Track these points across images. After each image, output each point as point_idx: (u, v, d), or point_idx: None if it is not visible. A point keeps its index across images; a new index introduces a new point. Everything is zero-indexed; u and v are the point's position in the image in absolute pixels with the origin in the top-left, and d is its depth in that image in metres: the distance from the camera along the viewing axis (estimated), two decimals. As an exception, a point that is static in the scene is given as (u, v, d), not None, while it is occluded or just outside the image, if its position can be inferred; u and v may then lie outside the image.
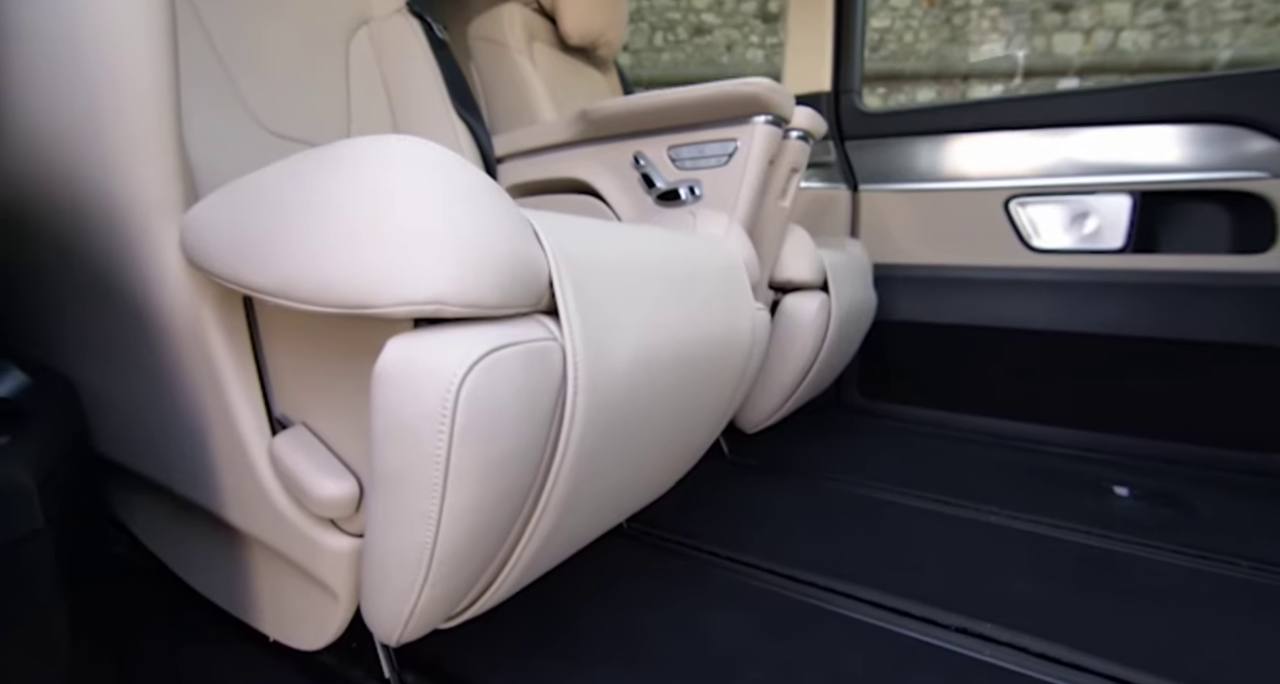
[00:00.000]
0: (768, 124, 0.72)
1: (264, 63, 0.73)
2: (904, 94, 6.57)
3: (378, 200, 0.31)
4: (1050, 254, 1.29)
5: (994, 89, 6.46)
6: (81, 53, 0.36)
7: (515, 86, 1.16)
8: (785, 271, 0.90)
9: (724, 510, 0.85)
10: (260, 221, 0.33)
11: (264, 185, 0.35)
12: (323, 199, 0.32)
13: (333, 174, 0.32)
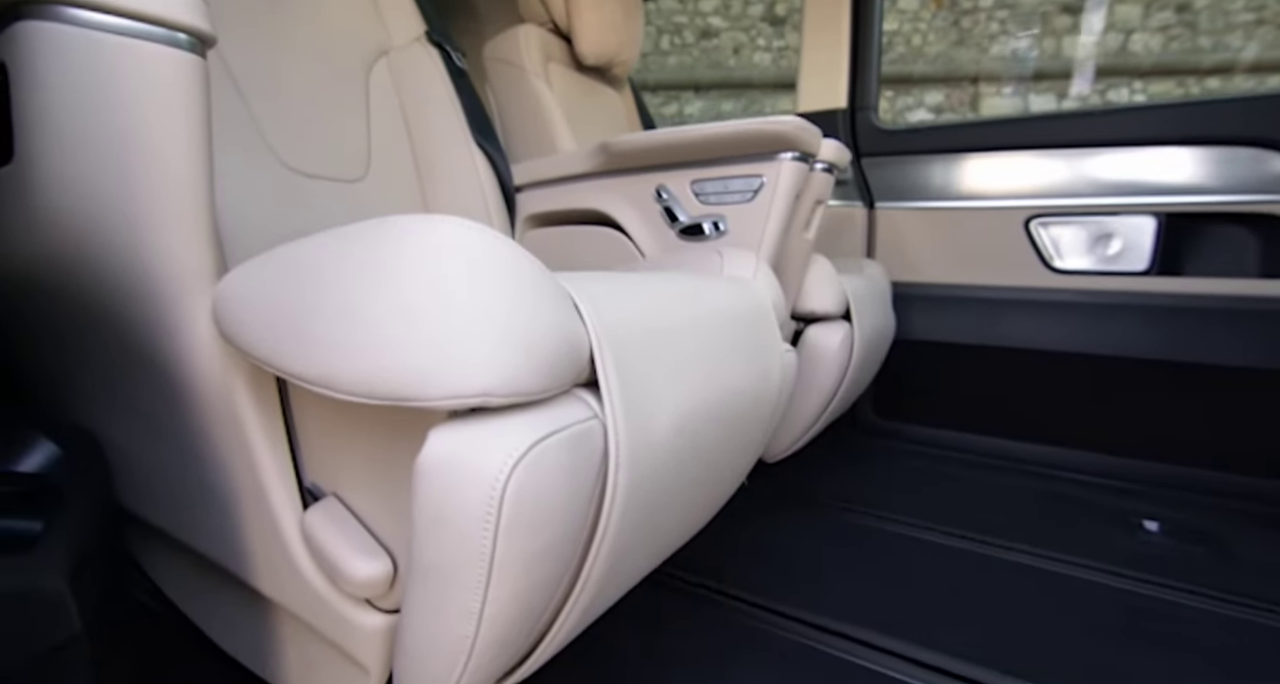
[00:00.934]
0: (794, 161, 0.71)
1: (285, 98, 0.73)
2: (911, 97, 6.55)
3: (424, 290, 0.30)
4: (1072, 275, 1.27)
5: (1004, 91, 6.42)
6: (116, 127, 0.35)
7: (531, 109, 1.15)
8: (808, 303, 0.88)
9: (749, 550, 0.84)
10: (299, 306, 0.32)
11: (300, 263, 0.34)
12: (366, 288, 0.31)
13: (376, 259, 0.31)
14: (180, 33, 0.36)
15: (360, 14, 0.84)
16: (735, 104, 6.71)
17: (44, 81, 0.34)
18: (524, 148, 1.16)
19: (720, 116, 6.97)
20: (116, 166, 0.35)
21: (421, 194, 0.87)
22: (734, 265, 0.66)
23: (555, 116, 1.13)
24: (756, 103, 6.69)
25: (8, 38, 0.33)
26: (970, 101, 6.40)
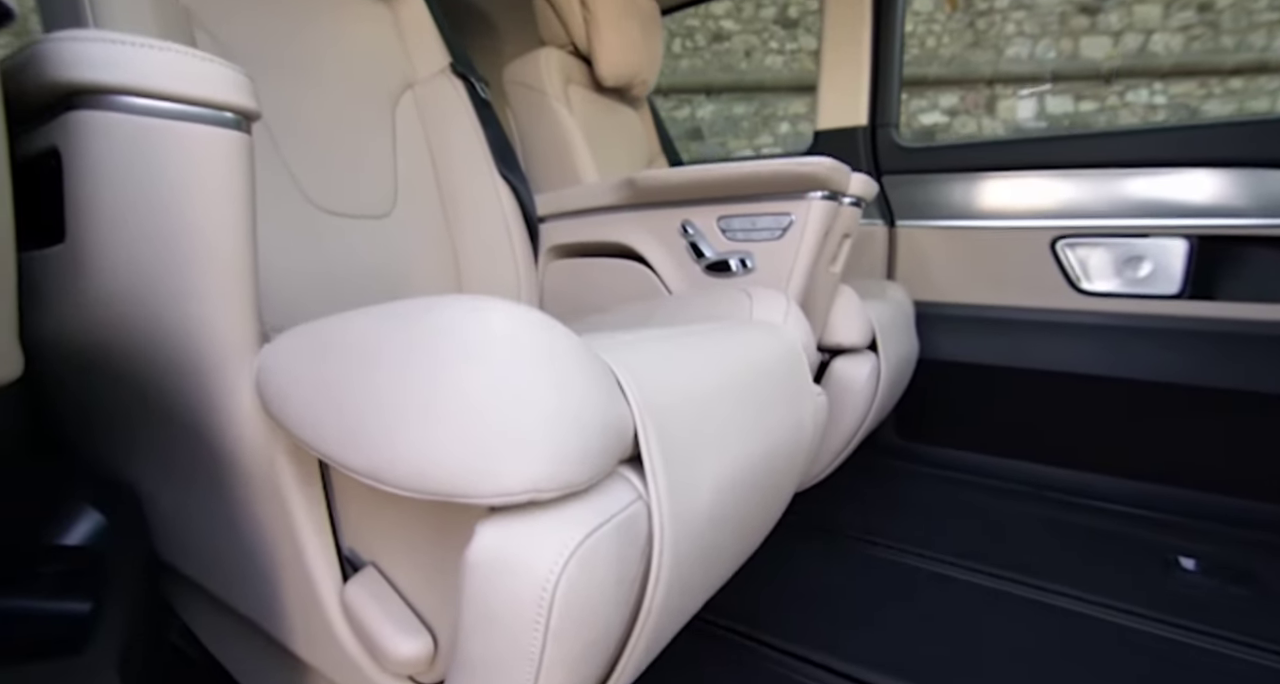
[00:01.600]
0: (824, 199, 0.70)
1: (313, 136, 0.73)
2: (925, 99, 6.49)
3: (474, 385, 0.29)
4: (1100, 297, 1.25)
5: (1020, 93, 6.35)
6: (162, 206, 0.35)
7: (552, 133, 1.15)
8: (834, 336, 0.87)
9: (777, 589, 0.83)
10: (344, 394, 0.32)
11: (345, 345, 0.34)
12: (413, 379, 0.30)
13: (424, 348, 0.31)
14: (226, 112, 0.36)
15: (386, 48, 0.85)
16: (747, 107, 6.69)
17: (94, 165, 0.34)
18: (544, 171, 1.16)
19: (731, 119, 6.96)
20: (163, 245, 0.36)
21: (447, 227, 0.87)
22: (764, 308, 0.65)
23: (576, 140, 1.12)
24: (769, 105, 6.67)
25: (60, 124, 0.34)
26: (986, 104, 6.33)
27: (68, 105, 0.33)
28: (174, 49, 0.33)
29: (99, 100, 0.32)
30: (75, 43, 0.31)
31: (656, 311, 0.72)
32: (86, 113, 0.33)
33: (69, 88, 0.32)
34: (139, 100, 0.33)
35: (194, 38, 0.63)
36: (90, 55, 0.31)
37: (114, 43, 0.32)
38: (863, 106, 1.47)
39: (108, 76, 0.32)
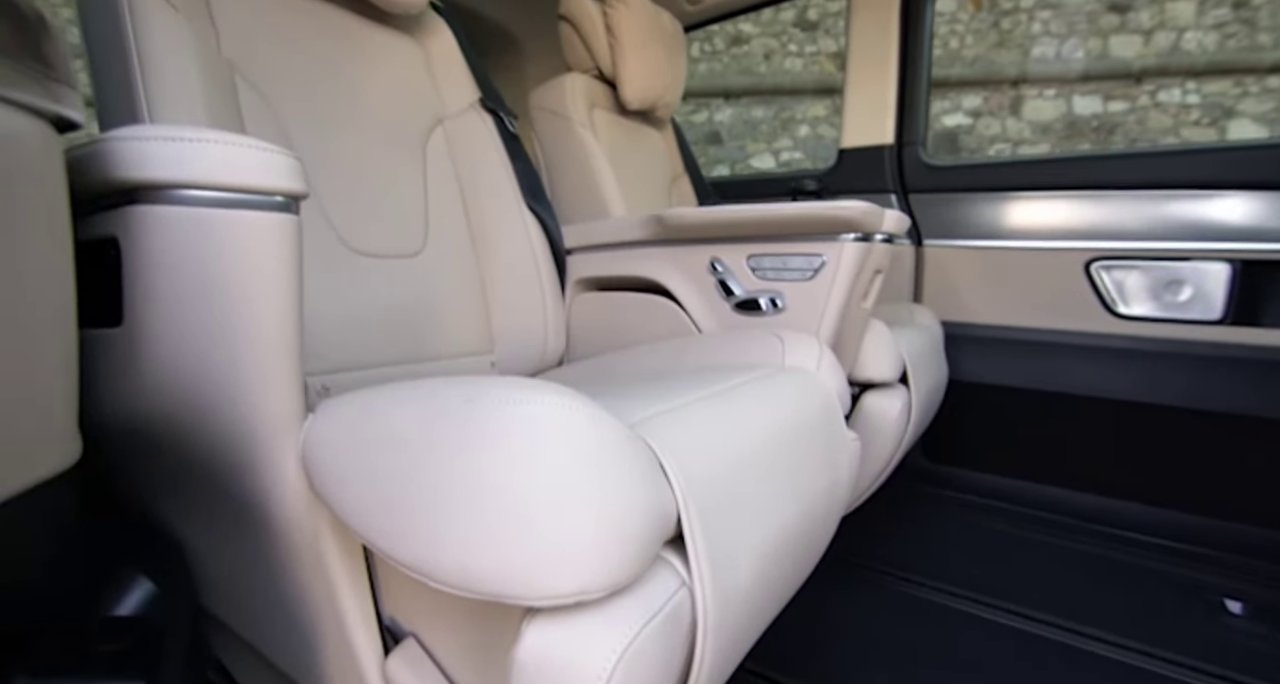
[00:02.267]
0: (857, 241, 0.69)
1: (349, 179, 0.74)
2: (948, 100, 6.39)
3: (524, 484, 0.29)
4: (1137, 321, 1.22)
5: (1046, 94, 6.22)
6: (214, 289, 0.36)
7: (577, 159, 1.15)
8: (865, 371, 0.86)
9: (806, 631, 0.82)
10: (390, 487, 0.32)
11: (393, 434, 0.34)
12: (462, 475, 0.30)
13: (471, 449, 0.31)
14: (277, 196, 0.36)
15: (418, 85, 0.85)
16: (766, 110, 6.65)
17: (151, 256, 0.34)
18: (570, 196, 1.17)
19: (750, 122, 6.92)
20: (215, 325, 0.36)
21: (476, 262, 0.87)
22: (796, 354, 0.64)
23: (601, 166, 1.13)
24: (788, 109, 6.62)
25: (120, 216, 0.34)
26: (1010, 105, 6.21)
27: (129, 199, 0.34)
28: (227, 141, 0.34)
29: (157, 195, 0.33)
30: (136, 142, 0.32)
31: (687, 352, 0.72)
32: (145, 207, 0.33)
33: (129, 185, 0.33)
34: (195, 193, 0.34)
35: (236, 87, 0.65)
36: (149, 154, 0.32)
37: (171, 140, 0.32)
38: (889, 125, 1.45)
39: (165, 174, 0.32)
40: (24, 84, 0.23)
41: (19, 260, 0.24)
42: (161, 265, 0.34)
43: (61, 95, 0.26)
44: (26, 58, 0.24)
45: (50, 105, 0.25)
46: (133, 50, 0.56)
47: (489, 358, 0.85)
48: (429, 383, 0.37)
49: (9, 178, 0.23)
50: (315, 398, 0.64)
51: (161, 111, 0.55)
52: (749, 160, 6.83)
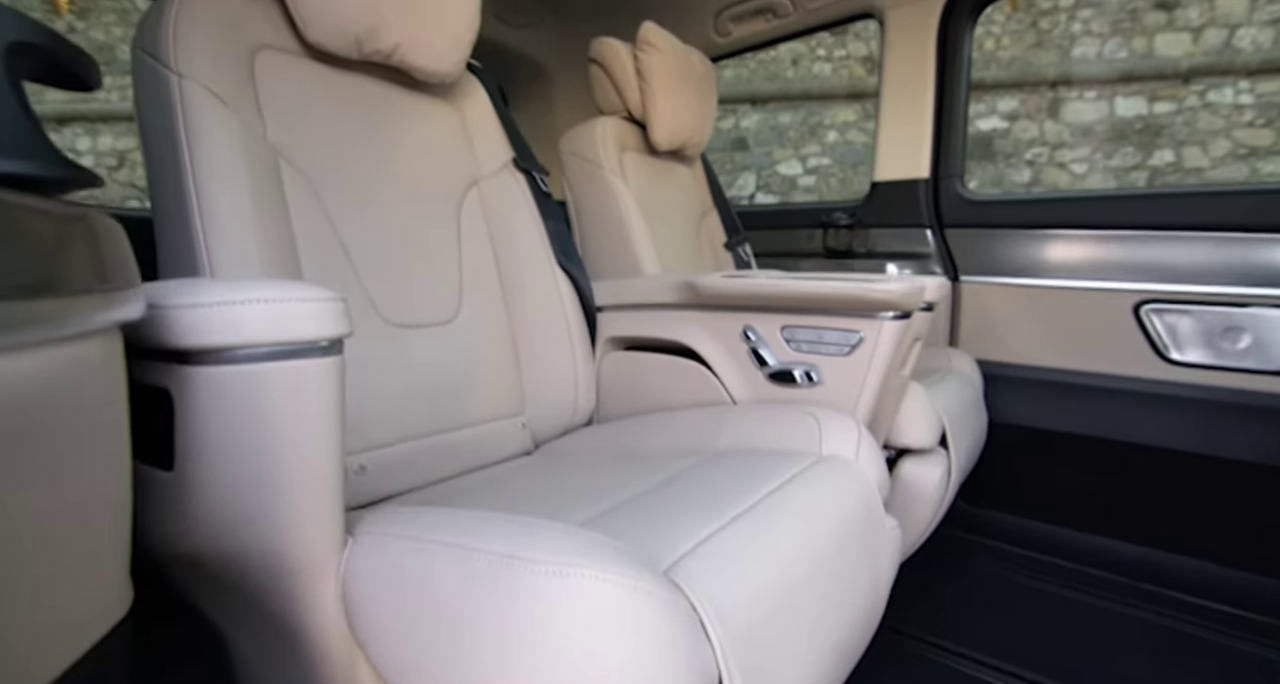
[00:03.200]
0: (896, 319, 0.67)
1: (386, 251, 0.75)
2: (983, 104, 6.23)
3: (562, 668, 0.29)
4: (1191, 368, 1.16)
5: (1087, 95, 6.02)
6: (261, 434, 0.36)
7: (607, 206, 1.15)
8: (902, 437, 0.84)
9: None
10: (426, 650, 0.32)
11: (432, 590, 0.34)
12: (499, 653, 0.30)
13: (514, 625, 0.31)
14: (323, 342, 0.37)
15: (454, 148, 0.86)
16: (793, 116, 6.58)
17: (200, 408, 0.35)
18: (599, 246, 1.17)
19: (777, 128, 6.85)
20: (261, 470, 0.37)
21: (508, 322, 0.88)
22: (834, 439, 0.63)
23: (632, 217, 1.12)
24: (816, 114, 6.54)
25: (171, 371, 0.35)
26: (1049, 107, 6.02)
27: (181, 359, 0.34)
28: (277, 298, 0.34)
29: (208, 357, 0.34)
30: (190, 310, 0.33)
31: (721, 427, 0.71)
32: (197, 368, 0.34)
33: (181, 351, 0.34)
34: (245, 351, 0.34)
35: (280, 171, 0.66)
36: (199, 322, 0.33)
37: (223, 305, 0.33)
38: (925, 158, 1.41)
39: (216, 340, 0.33)
40: (91, 310, 0.24)
41: (83, 464, 0.25)
42: (211, 418, 0.35)
43: (125, 299, 0.26)
44: (94, 278, 0.24)
45: (114, 317, 0.25)
46: (183, 143, 0.58)
47: (520, 419, 0.85)
48: (467, 521, 0.37)
49: (78, 393, 0.24)
50: (353, 477, 0.65)
51: (209, 202, 0.57)
52: (776, 167, 6.76)
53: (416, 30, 0.73)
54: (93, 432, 0.24)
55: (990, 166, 6.34)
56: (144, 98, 0.61)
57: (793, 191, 6.71)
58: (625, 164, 1.21)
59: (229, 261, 0.55)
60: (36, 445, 0.21)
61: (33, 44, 0.31)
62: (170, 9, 0.60)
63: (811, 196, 6.65)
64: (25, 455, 0.20)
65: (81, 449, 0.24)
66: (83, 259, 0.24)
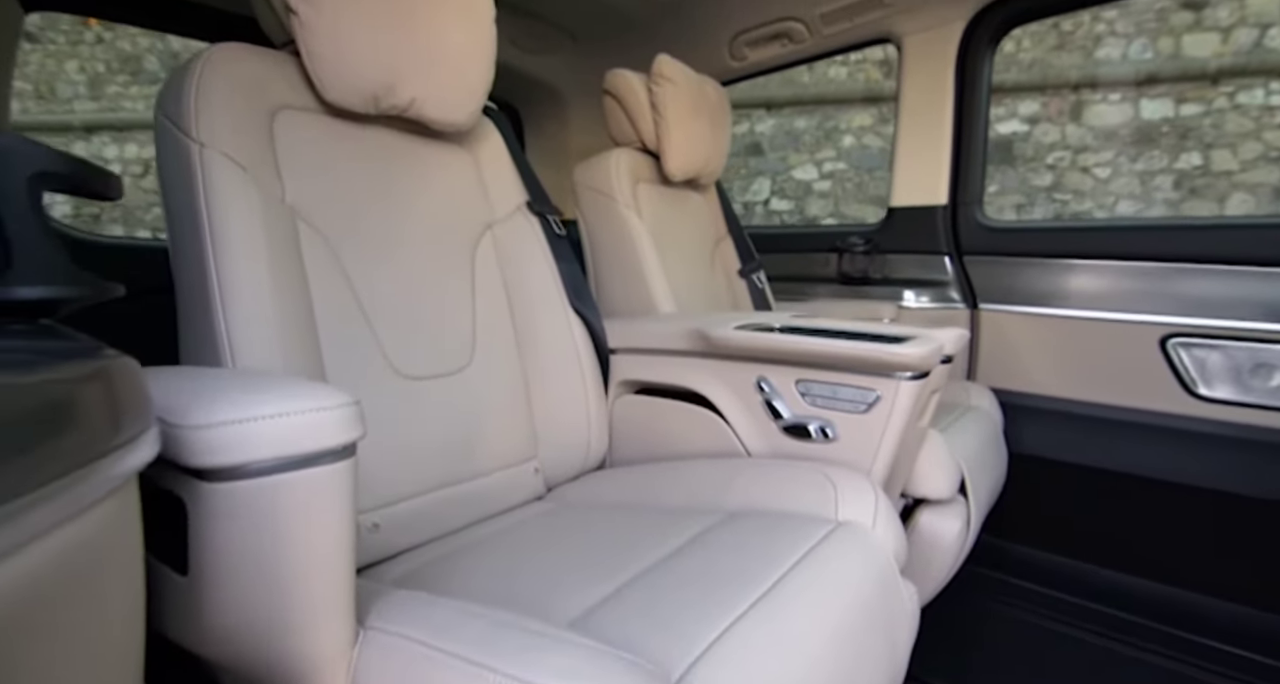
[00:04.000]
0: (913, 380, 0.66)
1: (400, 303, 0.75)
2: (1003, 107, 6.13)
3: None
4: (1221, 405, 1.13)
5: (1111, 97, 5.90)
6: (274, 539, 0.37)
7: (621, 241, 1.15)
8: (920, 487, 0.83)
9: None
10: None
11: None
12: None
13: None
14: (335, 448, 0.37)
15: (468, 193, 0.86)
16: (809, 120, 6.53)
17: (213, 520, 0.36)
18: (613, 281, 1.16)
19: (792, 133, 6.81)
20: (273, 576, 0.37)
21: (521, 366, 0.88)
22: (850, 504, 0.62)
23: (646, 253, 1.12)
24: (832, 118, 6.48)
25: (186, 484, 0.36)
26: (1071, 110, 5.91)
27: (195, 474, 0.35)
28: (289, 412, 0.35)
29: (221, 475, 0.34)
30: (201, 431, 0.33)
31: (734, 481, 0.70)
32: (210, 485, 0.35)
33: (195, 469, 0.34)
34: (256, 466, 0.34)
35: (298, 231, 0.67)
36: (213, 443, 0.33)
37: (234, 424, 0.33)
38: (942, 184, 1.39)
39: (228, 459, 0.33)
40: (108, 470, 0.24)
41: (100, 622, 0.25)
42: (225, 528, 0.35)
43: (141, 443, 0.27)
44: (111, 435, 0.25)
45: (131, 467, 0.26)
46: (204, 213, 0.59)
47: (532, 464, 0.85)
48: (481, 625, 0.37)
49: (95, 556, 0.24)
50: (366, 535, 0.66)
51: (228, 276, 0.58)
52: (791, 172, 6.72)
53: (432, 86, 0.74)
54: (111, 590, 0.25)
55: (1010, 171, 6.24)
56: (166, 164, 0.62)
57: (808, 197, 6.66)
58: (639, 195, 1.20)
59: (247, 338, 0.56)
60: (52, 627, 0.21)
61: (54, 173, 0.32)
62: (192, 76, 0.61)
63: (827, 202, 6.58)
64: (41, 640, 0.21)
65: (99, 613, 0.24)
66: (101, 418, 0.25)
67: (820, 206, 6.59)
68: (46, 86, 6.76)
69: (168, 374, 0.41)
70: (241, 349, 0.56)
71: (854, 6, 1.29)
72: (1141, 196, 5.79)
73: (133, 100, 6.78)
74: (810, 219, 6.58)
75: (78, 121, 6.73)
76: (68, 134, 6.67)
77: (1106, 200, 5.86)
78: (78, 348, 0.28)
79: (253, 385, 0.37)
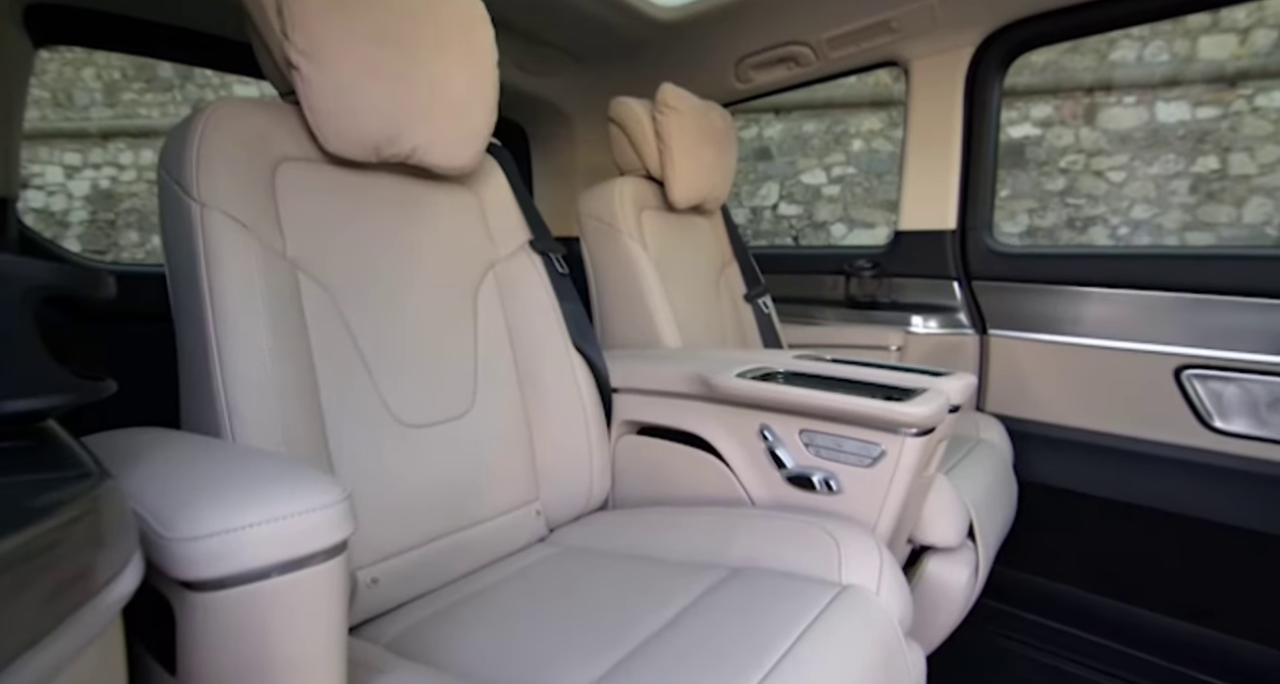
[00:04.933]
0: (919, 436, 0.65)
1: (402, 350, 0.74)
2: (1015, 110, 6.06)
3: None
4: (1238, 439, 1.10)
5: (1125, 100, 5.82)
6: (266, 644, 0.36)
7: (625, 271, 1.15)
8: (927, 535, 0.81)
9: None
10: None
11: None
12: None
13: None
14: (327, 547, 0.37)
15: (471, 234, 0.86)
16: (818, 124, 6.50)
17: (201, 626, 0.35)
18: (616, 313, 1.16)
19: (801, 137, 6.78)
20: (263, 674, 0.37)
21: (523, 407, 0.87)
22: (854, 566, 0.61)
23: (650, 284, 1.11)
24: (841, 122, 6.45)
25: (175, 591, 0.35)
26: (1085, 113, 5.84)
27: (185, 585, 0.35)
28: (279, 517, 0.34)
29: (209, 585, 0.34)
30: (188, 544, 0.33)
31: (735, 536, 0.69)
32: (198, 594, 0.34)
33: (183, 582, 0.34)
34: (245, 574, 0.34)
35: (299, 284, 0.67)
36: (198, 556, 0.33)
37: (222, 534, 0.33)
38: (951, 209, 1.37)
39: (216, 571, 0.33)
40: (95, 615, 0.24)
41: None
42: (213, 633, 0.35)
43: (127, 576, 0.27)
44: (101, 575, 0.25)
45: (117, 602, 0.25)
46: (204, 274, 0.59)
47: (534, 507, 0.85)
48: None
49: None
50: (365, 590, 0.65)
51: (228, 341, 0.58)
52: (799, 176, 6.69)
53: (434, 133, 0.73)
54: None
55: (1022, 175, 6.17)
56: (168, 222, 0.62)
57: (817, 201, 6.63)
58: (644, 224, 1.20)
59: (245, 402, 0.56)
60: None
61: (48, 285, 0.31)
62: (195, 132, 0.61)
63: (836, 206, 6.55)
64: None
65: None
66: (85, 560, 0.24)
67: (829, 211, 6.55)
68: (64, 94, 6.86)
69: (156, 462, 0.41)
70: (239, 413, 0.56)
71: (861, 32, 1.28)
72: (1157, 201, 5.71)
73: (148, 107, 6.87)
74: (819, 223, 6.55)
75: (94, 128, 6.84)
76: (84, 140, 6.77)
77: (1121, 205, 5.78)
78: (64, 478, 0.27)
79: (242, 482, 0.36)
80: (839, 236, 6.33)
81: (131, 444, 0.45)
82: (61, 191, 6.72)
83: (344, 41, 0.65)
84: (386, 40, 0.67)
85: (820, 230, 6.42)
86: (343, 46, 0.65)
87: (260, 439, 0.57)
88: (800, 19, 1.27)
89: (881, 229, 5.89)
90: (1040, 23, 1.20)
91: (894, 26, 1.24)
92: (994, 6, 1.18)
